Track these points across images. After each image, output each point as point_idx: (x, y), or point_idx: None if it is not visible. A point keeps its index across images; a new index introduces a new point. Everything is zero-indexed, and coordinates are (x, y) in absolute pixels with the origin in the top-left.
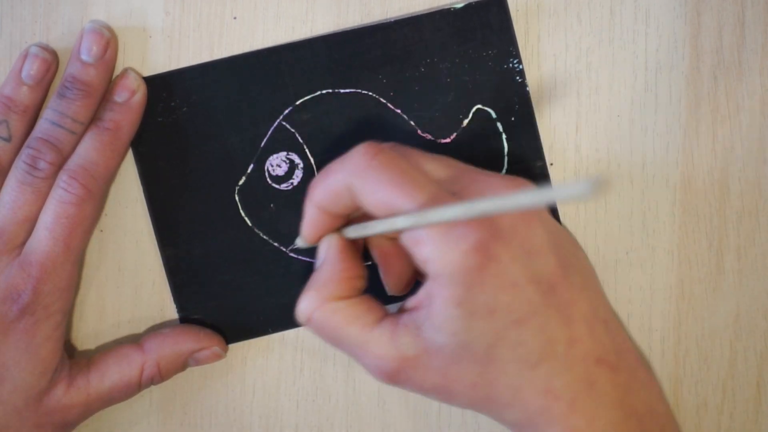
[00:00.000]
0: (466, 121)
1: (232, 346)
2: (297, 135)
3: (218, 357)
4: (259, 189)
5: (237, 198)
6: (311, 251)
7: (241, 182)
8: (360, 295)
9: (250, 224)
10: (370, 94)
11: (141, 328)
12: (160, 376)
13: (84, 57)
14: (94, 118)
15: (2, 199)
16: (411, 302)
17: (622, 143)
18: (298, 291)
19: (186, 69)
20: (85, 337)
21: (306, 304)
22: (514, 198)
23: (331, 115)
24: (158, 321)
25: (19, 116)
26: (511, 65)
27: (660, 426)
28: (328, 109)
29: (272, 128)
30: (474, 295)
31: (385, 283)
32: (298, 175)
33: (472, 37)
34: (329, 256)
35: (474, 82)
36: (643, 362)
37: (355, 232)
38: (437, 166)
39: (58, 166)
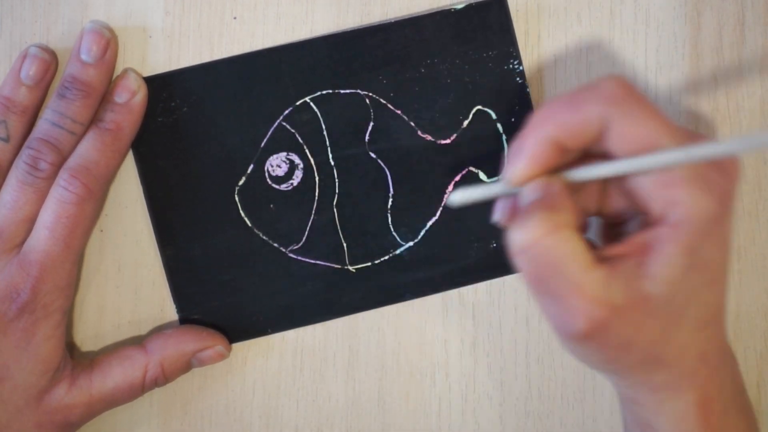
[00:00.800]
0: (466, 122)
1: (232, 347)
2: (297, 135)
3: (222, 357)
4: (259, 189)
5: (237, 198)
6: (311, 252)
7: (241, 182)
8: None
9: (250, 224)
10: (370, 94)
11: (141, 328)
12: (164, 377)
13: (84, 57)
14: (95, 119)
15: (3, 199)
16: (616, 250)
17: None
18: (297, 292)
19: (186, 69)
20: (85, 337)
21: (534, 230)
22: None
23: (331, 115)
24: (158, 321)
25: (18, 116)
26: (511, 66)
27: (749, 401)
28: (328, 110)
29: (272, 128)
30: (704, 246)
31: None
32: (298, 175)
33: (473, 38)
34: (552, 192)
35: (474, 83)
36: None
37: (592, 172)
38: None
39: (59, 167)
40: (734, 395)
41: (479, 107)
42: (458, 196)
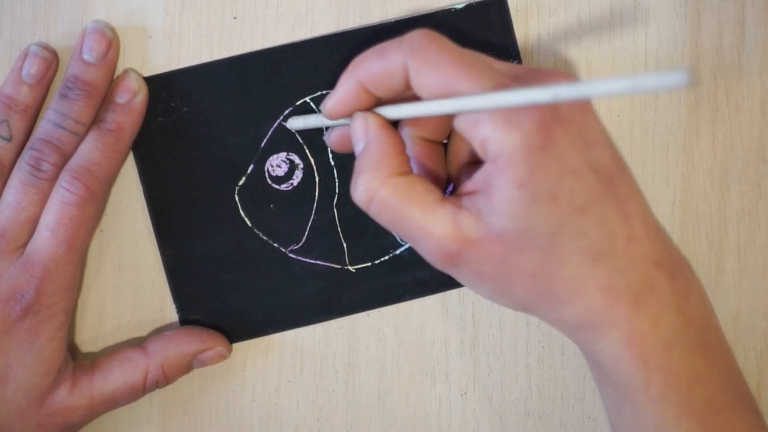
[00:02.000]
0: None
1: (233, 346)
2: (297, 135)
3: (222, 357)
4: (259, 189)
5: (237, 198)
6: (311, 252)
7: (241, 182)
8: (414, 174)
9: (250, 225)
10: None
11: (141, 329)
12: (165, 379)
13: (86, 56)
14: (96, 119)
15: (5, 200)
16: (468, 186)
17: (622, 143)
18: (297, 291)
19: (186, 69)
20: (86, 338)
21: (366, 185)
22: (606, 84)
23: None
24: (158, 321)
25: (19, 115)
26: None
27: (716, 338)
28: None
29: (272, 128)
30: (536, 177)
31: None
32: (298, 175)
33: (473, 38)
34: (374, 134)
35: None
36: (694, 273)
37: (398, 111)
38: (495, 60)
39: (61, 167)
40: (682, 328)
41: None
42: (297, 122)
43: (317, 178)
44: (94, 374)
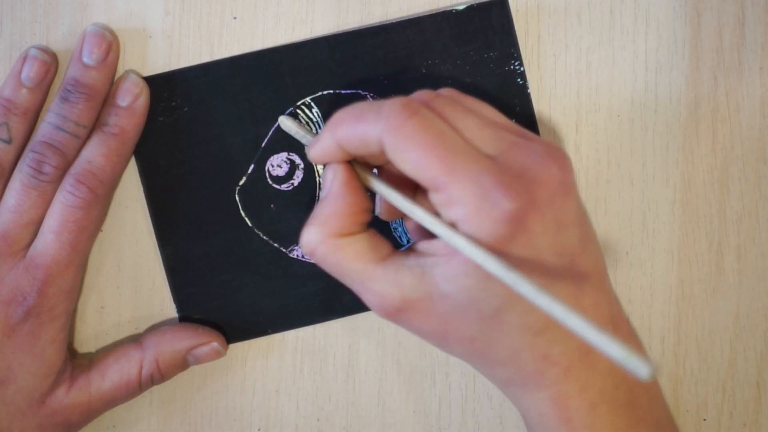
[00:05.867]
0: None
1: (232, 347)
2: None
3: (218, 354)
4: (260, 189)
5: (237, 198)
6: None
7: (241, 182)
8: (364, 231)
9: (250, 224)
10: (371, 95)
11: (141, 329)
12: (160, 373)
13: (86, 60)
14: (99, 123)
15: (7, 203)
16: (424, 247)
17: (622, 143)
18: (297, 292)
19: (186, 69)
20: (85, 338)
21: (309, 238)
22: (575, 320)
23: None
24: (158, 321)
25: (19, 118)
26: (512, 67)
27: (648, 397)
28: (329, 110)
29: (273, 128)
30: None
31: (377, 205)
32: (298, 175)
33: (474, 39)
34: (334, 189)
35: (475, 84)
36: (635, 336)
37: (376, 185)
38: (475, 123)
39: (63, 170)
40: (612, 389)
41: None
42: (290, 126)
43: (318, 179)
44: (91, 372)
